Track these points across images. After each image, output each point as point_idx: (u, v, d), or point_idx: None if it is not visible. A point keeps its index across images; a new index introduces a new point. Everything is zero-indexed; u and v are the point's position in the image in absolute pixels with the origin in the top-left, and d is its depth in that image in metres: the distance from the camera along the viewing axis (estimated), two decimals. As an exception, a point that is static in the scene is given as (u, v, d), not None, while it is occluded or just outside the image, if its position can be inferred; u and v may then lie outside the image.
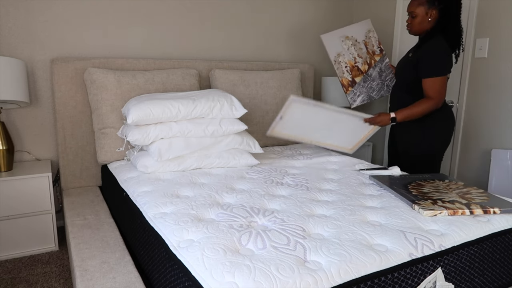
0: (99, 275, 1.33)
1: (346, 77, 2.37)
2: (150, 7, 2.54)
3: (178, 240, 1.24)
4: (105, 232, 1.69)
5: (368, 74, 2.39)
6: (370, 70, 2.40)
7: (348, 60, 2.36)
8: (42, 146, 2.37)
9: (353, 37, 2.41)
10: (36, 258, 2.10)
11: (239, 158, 2.09)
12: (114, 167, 2.15)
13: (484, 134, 2.50)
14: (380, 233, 1.25)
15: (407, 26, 2.11)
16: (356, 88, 2.38)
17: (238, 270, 1.02)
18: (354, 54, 2.39)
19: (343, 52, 2.36)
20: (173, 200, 1.56)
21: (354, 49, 2.39)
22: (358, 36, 2.43)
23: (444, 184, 1.73)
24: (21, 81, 2.06)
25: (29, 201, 2.07)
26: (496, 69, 2.40)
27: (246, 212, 1.42)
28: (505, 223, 1.39)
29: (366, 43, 2.43)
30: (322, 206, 1.49)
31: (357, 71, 2.37)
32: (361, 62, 2.39)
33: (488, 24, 2.42)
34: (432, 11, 2.00)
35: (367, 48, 2.42)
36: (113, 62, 2.36)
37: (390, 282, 1.09)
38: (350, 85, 2.37)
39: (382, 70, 2.42)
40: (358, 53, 2.40)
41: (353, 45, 2.39)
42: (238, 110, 2.13)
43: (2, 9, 2.15)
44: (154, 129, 1.98)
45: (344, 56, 2.35)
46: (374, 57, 2.43)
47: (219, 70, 2.62)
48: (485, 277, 1.33)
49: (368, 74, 2.39)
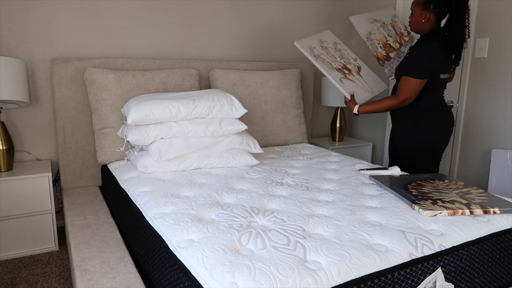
0: (99, 275, 1.33)
1: (381, 52, 2.44)
2: (150, 7, 2.54)
3: (178, 240, 1.24)
4: (105, 232, 1.69)
5: (401, 51, 2.47)
6: (402, 48, 2.49)
7: (379, 38, 2.44)
8: (42, 146, 2.37)
9: (380, 19, 2.51)
10: (36, 258, 2.10)
11: (239, 158, 2.09)
12: (114, 167, 2.15)
13: (484, 134, 2.50)
14: (380, 233, 1.25)
15: (408, 22, 2.13)
16: (392, 61, 2.45)
17: (238, 270, 1.02)
18: (384, 33, 2.47)
19: (373, 31, 2.44)
20: (173, 200, 1.56)
21: (383, 30, 2.48)
22: (385, 20, 2.52)
23: (444, 184, 1.73)
24: (21, 81, 2.06)
25: (29, 201, 2.07)
26: (496, 69, 2.40)
27: (246, 212, 1.42)
28: (505, 223, 1.39)
29: (394, 26, 2.53)
30: (322, 206, 1.49)
31: (389, 48, 2.45)
32: (392, 40, 2.48)
33: (488, 24, 2.42)
34: (427, 14, 2.00)
35: (395, 30, 2.52)
36: (113, 62, 2.36)
37: (390, 282, 1.09)
38: (386, 59, 2.44)
39: None
40: (388, 33, 2.49)
41: (381, 27, 2.48)
42: (238, 110, 2.13)
43: (2, 9, 2.15)
44: (154, 129, 1.98)
45: (375, 34, 2.44)
46: (403, 38, 2.52)
47: (219, 70, 2.62)
48: (485, 277, 1.33)
49: (401, 50, 2.47)
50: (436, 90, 2.05)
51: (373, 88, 2.40)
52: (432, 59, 1.94)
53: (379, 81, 2.50)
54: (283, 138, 2.79)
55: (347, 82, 2.30)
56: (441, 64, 1.97)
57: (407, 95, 2.00)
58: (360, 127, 3.48)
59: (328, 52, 2.39)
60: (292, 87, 2.84)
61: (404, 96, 2.00)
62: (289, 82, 2.83)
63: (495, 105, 2.43)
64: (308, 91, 3.14)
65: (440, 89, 2.06)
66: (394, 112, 2.20)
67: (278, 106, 2.76)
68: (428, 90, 2.03)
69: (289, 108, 2.81)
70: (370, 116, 3.36)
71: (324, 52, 2.38)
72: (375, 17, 2.51)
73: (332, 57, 2.38)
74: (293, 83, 2.85)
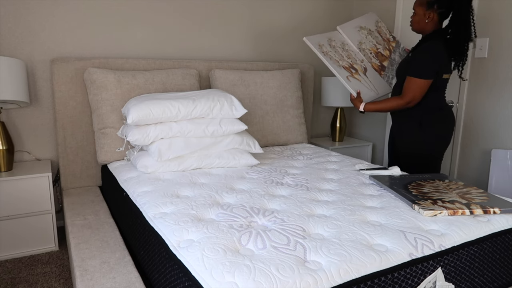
0: (99, 275, 1.33)
1: (375, 62, 2.44)
2: (150, 7, 2.54)
3: (178, 240, 1.24)
4: (105, 232, 1.69)
5: (392, 58, 2.47)
6: (392, 55, 2.48)
7: (370, 47, 2.42)
8: (42, 146, 2.37)
9: (366, 27, 2.48)
10: (36, 258, 2.10)
11: (239, 158, 2.09)
12: (114, 167, 2.15)
13: (484, 134, 2.50)
14: (380, 233, 1.25)
15: (410, 22, 2.12)
16: (387, 71, 2.46)
17: (238, 270, 1.02)
18: (373, 41, 2.46)
19: (363, 40, 2.41)
20: (173, 200, 1.56)
21: (371, 37, 2.46)
22: (371, 26, 2.49)
23: (444, 184, 1.73)
24: (21, 81, 2.06)
25: (29, 201, 2.07)
26: (496, 69, 2.40)
27: (246, 212, 1.42)
28: (505, 223, 1.39)
29: (379, 32, 2.52)
30: (322, 206, 1.49)
31: (381, 56, 2.44)
32: (381, 48, 2.47)
33: (488, 24, 2.42)
34: (430, 14, 1.99)
35: (382, 36, 2.50)
36: (113, 62, 2.36)
37: (390, 282, 1.09)
38: (381, 69, 2.45)
39: (401, 54, 2.53)
40: (376, 41, 2.47)
41: (369, 34, 2.47)
42: (238, 110, 2.13)
43: (2, 9, 2.15)
44: (154, 129, 1.98)
45: (365, 43, 2.40)
46: (390, 44, 2.51)
47: (219, 70, 2.62)
48: (485, 277, 1.33)
49: (392, 58, 2.47)
50: (438, 90, 2.05)
51: (378, 89, 2.40)
52: (436, 59, 1.94)
53: (384, 83, 2.49)
54: (283, 138, 2.79)
55: (353, 81, 2.30)
56: (444, 64, 1.97)
57: (412, 96, 1.99)
58: (360, 127, 3.48)
59: (336, 50, 2.38)
60: (292, 87, 2.84)
61: (410, 97, 2.00)
62: (289, 82, 2.83)
63: (495, 105, 2.43)
64: (308, 91, 3.14)
65: (442, 89, 2.06)
66: (395, 111, 2.20)
67: (278, 106, 2.76)
68: (431, 90, 2.03)
69: (289, 108, 2.81)
70: (370, 116, 3.36)
71: (332, 50, 2.37)
72: (361, 24, 2.48)
73: (339, 55, 2.37)
74: (293, 83, 2.85)
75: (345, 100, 3.07)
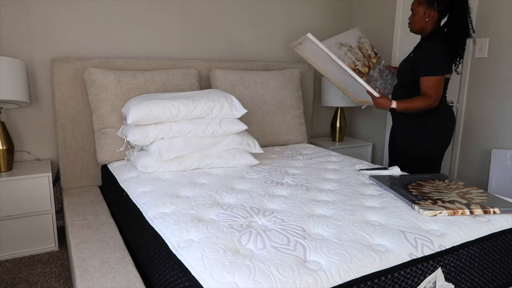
0: (99, 275, 1.33)
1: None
2: (150, 7, 2.54)
3: (178, 240, 1.24)
4: (105, 232, 1.69)
5: (370, 75, 2.42)
6: (371, 72, 2.43)
7: (349, 64, 2.37)
8: (42, 146, 2.37)
9: (347, 43, 2.44)
10: (36, 258, 2.10)
11: (239, 158, 2.09)
12: (114, 167, 2.15)
13: (484, 134, 2.50)
14: (380, 233, 1.25)
15: (408, 23, 2.11)
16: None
17: (238, 270, 1.02)
18: (352, 58, 2.42)
19: (341, 57, 2.38)
20: (173, 200, 1.56)
21: (351, 54, 2.42)
22: (352, 42, 2.46)
23: (444, 184, 1.73)
24: (21, 81, 2.06)
25: (29, 201, 2.07)
26: (496, 69, 2.40)
27: (246, 212, 1.42)
28: (505, 223, 1.39)
29: (361, 48, 2.47)
30: (322, 206, 1.49)
31: (359, 73, 2.39)
32: (360, 65, 2.42)
33: (488, 24, 2.42)
34: (431, 12, 1.99)
35: (363, 53, 2.46)
36: (113, 62, 2.36)
37: (390, 282, 1.09)
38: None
39: (381, 70, 2.45)
40: (356, 57, 2.43)
41: (349, 51, 2.43)
42: (238, 110, 2.13)
43: (2, 9, 2.15)
44: (154, 129, 1.98)
45: (343, 60, 2.37)
46: (371, 60, 2.45)
47: (219, 70, 2.62)
48: (485, 277, 1.33)
49: (370, 75, 2.42)
50: None
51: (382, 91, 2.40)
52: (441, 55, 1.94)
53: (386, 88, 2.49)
54: (283, 138, 2.79)
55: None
56: (447, 63, 1.97)
57: (436, 93, 1.96)
58: (360, 127, 3.48)
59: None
60: (292, 87, 2.84)
61: (435, 94, 1.95)
62: (289, 82, 2.83)
63: (495, 105, 2.43)
64: (308, 91, 3.14)
65: (444, 89, 2.06)
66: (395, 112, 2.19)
67: (278, 106, 2.76)
68: None
69: (289, 108, 2.81)
70: (370, 116, 3.36)
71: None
72: (341, 40, 2.44)
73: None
74: (293, 83, 2.85)
75: (345, 100, 3.07)
